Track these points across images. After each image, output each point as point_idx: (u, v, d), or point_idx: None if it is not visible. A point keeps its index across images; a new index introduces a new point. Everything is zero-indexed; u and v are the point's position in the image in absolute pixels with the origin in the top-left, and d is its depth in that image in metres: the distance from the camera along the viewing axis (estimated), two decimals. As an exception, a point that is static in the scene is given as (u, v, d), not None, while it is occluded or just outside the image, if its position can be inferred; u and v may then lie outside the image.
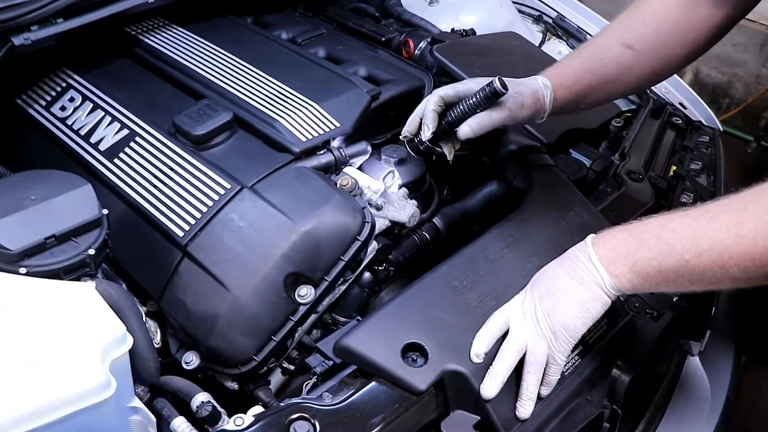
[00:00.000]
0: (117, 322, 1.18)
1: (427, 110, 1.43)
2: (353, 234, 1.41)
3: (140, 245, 1.47)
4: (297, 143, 1.52)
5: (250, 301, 1.33)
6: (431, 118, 1.42)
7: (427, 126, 1.42)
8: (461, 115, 1.39)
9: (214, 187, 1.44)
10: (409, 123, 1.47)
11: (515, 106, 1.41)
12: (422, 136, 1.43)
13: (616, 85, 1.52)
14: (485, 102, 1.35)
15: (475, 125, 1.38)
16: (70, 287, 1.22)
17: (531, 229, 1.44)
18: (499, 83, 1.32)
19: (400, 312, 1.26)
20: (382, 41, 1.98)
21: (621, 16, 1.55)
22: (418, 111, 1.46)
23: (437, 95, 1.43)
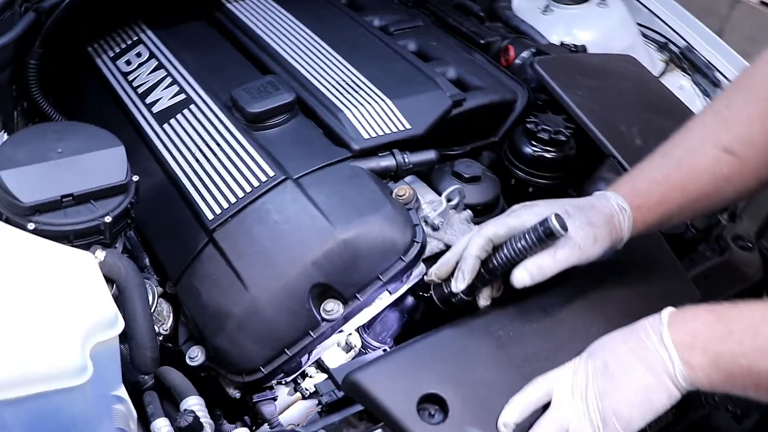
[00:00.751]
0: (109, 303, 1.05)
1: (467, 254, 1.12)
2: (398, 252, 1.24)
3: (170, 220, 1.34)
4: (358, 139, 1.36)
5: (267, 306, 1.19)
6: (471, 266, 1.11)
7: (463, 275, 1.12)
8: (508, 261, 1.11)
9: (256, 172, 1.30)
10: (442, 264, 1.17)
11: (586, 242, 1.10)
12: (453, 285, 1.14)
13: (711, 201, 1.19)
14: (538, 244, 1.08)
15: (536, 271, 1.08)
16: (70, 254, 1.10)
17: (603, 286, 1.23)
18: (557, 222, 1.04)
19: (427, 354, 1.09)
20: (480, 44, 1.80)
21: (716, 104, 1.22)
22: (456, 251, 1.16)
23: (485, 237, 1.12)
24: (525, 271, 1.09)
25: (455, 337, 1.12)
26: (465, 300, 1.18)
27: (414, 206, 1.31)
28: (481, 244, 1.12)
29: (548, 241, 1.07)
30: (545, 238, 1.07)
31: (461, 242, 1.16)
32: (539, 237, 1.07)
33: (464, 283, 1.12)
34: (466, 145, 1.60)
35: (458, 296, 1.17)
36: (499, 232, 1.12)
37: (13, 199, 1.14)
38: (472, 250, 1.11)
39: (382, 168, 1.35)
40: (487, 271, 1.13)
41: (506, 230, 1.11)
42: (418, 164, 1.39)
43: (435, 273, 1.17)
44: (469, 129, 1.59)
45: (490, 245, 1.12)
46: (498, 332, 1.14)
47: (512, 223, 1.12)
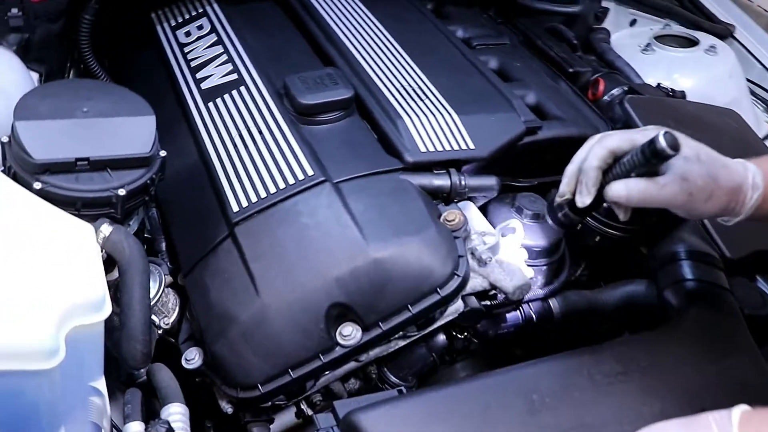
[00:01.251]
0: (99, 283, 0.94)
1: (588, 166, 1.01)
2: (435, 283, 1.09)
3: (194, 206, 1.23)
4: (413, 151, 1.22)
5: (277, 318, 1.05)
6: (593, 178, 1.01)
7: (587, 188, 1.01)
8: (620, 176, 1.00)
9: (295, 168, 1.17)
10: (566, 177, 1.06)
11: (700, 192, 0.98)
12: (578, 200, 1.03)
13: None
14: (643, 162, 0.96)
15: (635, 191, 0.97)
16: (70, 223, 0.99)
17: (666, 362, 1.05)
18: (665, 141, 0.92)
19: (446, 405, 0.93)
20: (568, 72, 1.63)
21: None
22: (577, 161, 1.05)
23: (606, 148, 1.00)
24: (623, 185, 0.98)
25: (481, 391, 0.96)
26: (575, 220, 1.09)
27: (462, 235, 1.15)
28: (602, 155, 1.00)
29: (654, 161, 0.96)
30: (650, 157, 0.95)
31: (579, 154, 1.06)
32: (644, 154, 0.95)
33: (589, 196, 1.01)
34: (533, 178, 1.44)
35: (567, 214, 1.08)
36: (622, 146, 1.00)
37: (24, 153, 1.04)
38: (593, 161, 1.01)
39: (434, 187, 1.21)
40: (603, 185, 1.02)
41: (629, 145, 0.99)
42: (476, 189, 1.24)
43: (564, 189, 1.06)
44: (539, 161, 1.43)
45: (611, 158, 1.01)
46: (532, 395, 0.97)
47: (638, 139, 0.99)
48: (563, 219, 1.09)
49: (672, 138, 0.93)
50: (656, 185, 0.97)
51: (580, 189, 1.03)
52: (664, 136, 0.93)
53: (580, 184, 1.03)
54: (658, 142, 0.93)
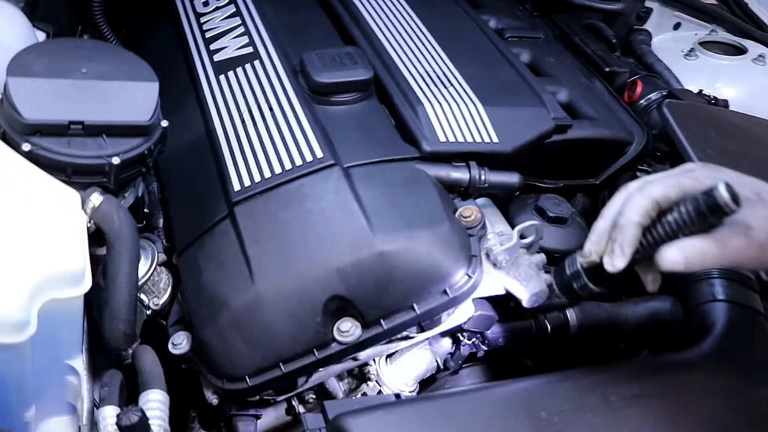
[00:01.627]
0: (79, 256, 0.87)
1: (626, 221, 0.83)
2: (444, 283, 1.00)
3: (195, 182, 1.16)
4: (431, 140, 1.14)
5: (271, 307, 0.98)
6: (632, 236, 0.82)
7: (621, 249, 0.83)
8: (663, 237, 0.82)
9: (303, 149, 1.10)
10: (599, 235, 0.87)
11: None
12: (608, 263, 0.85)
13: None
14: (697, 221, 0.79)
15: (693, 254, 0.79)
16: (55, 189, 0.92)
17: (690, 387, 0.96)
18: (727, 193, 0.76)
19: (444, 416, 0.85)
20: (604, 71, 1.54)
21: None
22: (609, 214, 0.86)
23: (650, 199, 0.82)
24: (678, 250, 0.79)
25: (485, 403, 0.88)
26: (594, 292, 0.92)
27: (478, 234, 1.07)
28: (644, 207, 0.82)
29: (713, 220, 0.79)
30: (708, 213, 0.78)
31: (612, 205, 0.87)
32: (698, 210, 0.79)
33: (623, 260, 0.83)
34: (558, 180, 1.35)
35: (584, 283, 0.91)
36: (669, 195, 0.82)
37: (15, 112, 0.97)
38: (633, 215, 0.82)
39: (452, 179, 1.12)
40: (649, 243, 0.83)
41: (678, 194, 0.82)
42: (496, 186, 1.15)
43: (593, 249, 0.88)
44: (566, 162, 1.34)
45: (655, 210, 0.83)
46: (540, 412, 0.89)
47: (687, 186, 0.82)
48: (579, 289, 0.93)
49: (732, 190, 0.77)
50: (717, 243, 0.79)
51: (611, 249, 0.84)
52: (726, 188, 0.76)
53: (613, 242, 0.84)
54: (719, 195, 0.76)
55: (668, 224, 0.82)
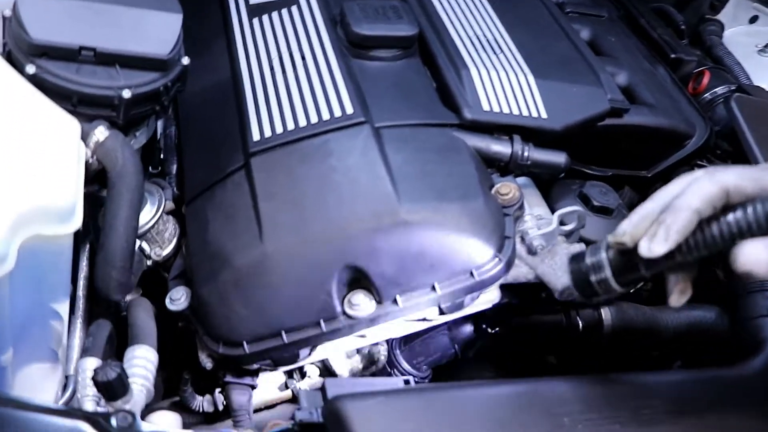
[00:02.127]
0: (70, 191, 0.79)
1: (684, 204, 0.70)
2: (471, 263, 0.91)
3: (215, 128, 1.08)
4: (474, 107, 1.04)
5: (278, 270, 0.89)
6: (685, 221, 0.70)
7: (666, 232, 0.70)
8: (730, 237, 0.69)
9: (333, 103, 1.00)
10: (639, 215, 0.75)
11: None
12: (645, 247, 0.72)
13: None
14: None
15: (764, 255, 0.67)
16: (54, 117, 0.84)
17: (734, 409, 0.86)
18: None
19: (456, 409, 0.76)
20: (669, 57, 1.42)
21: None
22: (663, 196, 0.74)
23: (720, 186, 0.70)
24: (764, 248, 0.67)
25: (501, 401, 0.79)
26: (614, 290, 0.80)
27: (514, 214, 0.97)
28: (712, 194, 0.69)
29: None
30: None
31: (670, 188, 0.74)
32: None
33: (666, 245, 0.70)
34: (607, 168, 1.24)
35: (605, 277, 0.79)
36: (744, 188, 0.69)
37: (22, 30, 0.89)
38: (693, 199, 0.69)
39: (492, 153, 1.02)
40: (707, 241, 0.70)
41: (755, 189, 0.69)
42: (540, 164, 1.05)
43: (629, 229, 0.74)
44: (618, 150, 1.23)
45: (723, 201, 0.70)
46: (563, 417, 0.79)
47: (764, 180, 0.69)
48: (597, 283, 0.80)
49: None
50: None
51: (654, 232, 0.71)
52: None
53: (659, 225, 0.71)
54: None
55: (727, 225, 0.69)
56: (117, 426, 0.68)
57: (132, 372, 0.84)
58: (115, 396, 0.76)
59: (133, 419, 0.69)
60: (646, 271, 0.76)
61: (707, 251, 0.71)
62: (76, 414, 0.70)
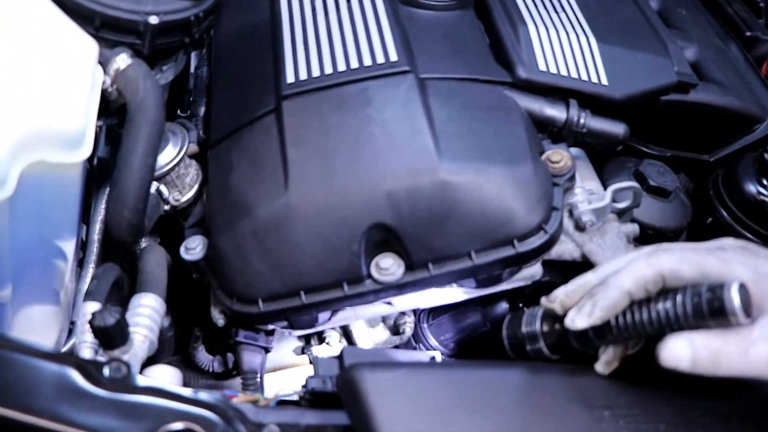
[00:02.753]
0: (80, 116, 0.72)
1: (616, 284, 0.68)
2: (512, 233, 0.82)
3: (248, 69, 1.00)
4: (529, 66, 0.95)
5: (302, 223, 0.81)
6: (613, 301, 0.68)
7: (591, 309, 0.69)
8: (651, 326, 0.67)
9: (376, 50, 0.92)
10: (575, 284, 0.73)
11: None
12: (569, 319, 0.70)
13: None
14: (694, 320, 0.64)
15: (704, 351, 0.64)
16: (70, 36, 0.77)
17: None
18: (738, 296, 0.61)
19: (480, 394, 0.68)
20: (744, 36, 1.31)
21: None
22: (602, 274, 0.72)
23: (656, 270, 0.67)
24: (686, 343, 0.64)
25: (534, 386, 0.71)
26: (545, 356, 0.77)
27: (564, 185, 0.88)
28: (645, 277, 0.67)
29: (711, 323, 0.64)
30: (708, 316, 0.63)
31: (614, 263, 0.72)
32: (697, 309, 0.64)
33: (588, 320, 0.68)
34: (666, 148, 1.14)
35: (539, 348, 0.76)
36: (682, 273, 0.66)
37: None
38: (626, 283, 0.68)
39: (545, 116, 0.93)
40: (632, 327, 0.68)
41: (694, 275, 0.66)
42: (596, 133, 0.95)
43: (562, 298, 0.73)
44: (681, 129, 1.13)
45: (657, 286, 0.68)
46: (603, 410, 0.71)
47: (711, 269, 0.66)
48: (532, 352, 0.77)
49: (746, 294, 0.61)
50: (739, 346, 0.63)
51: (582, 305, 0.70)
52: (740, 292, 0.61)
53: (589, 298, 0.70)
54: (727, 299, 0.61)
55: (656, 313, 0.66)
56: (109, 376, 0.62)
57: (135, 321, 0.77)
58: (112, 344, 0.70)
59: (128, 370, 0.63)
60: (577, 344, 0.73)
61: (636, 334, 0.69)
62: (67, 359, 0.63)
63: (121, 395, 0.61)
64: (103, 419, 0.60)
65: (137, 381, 0.63)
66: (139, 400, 0.62)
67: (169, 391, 0.63)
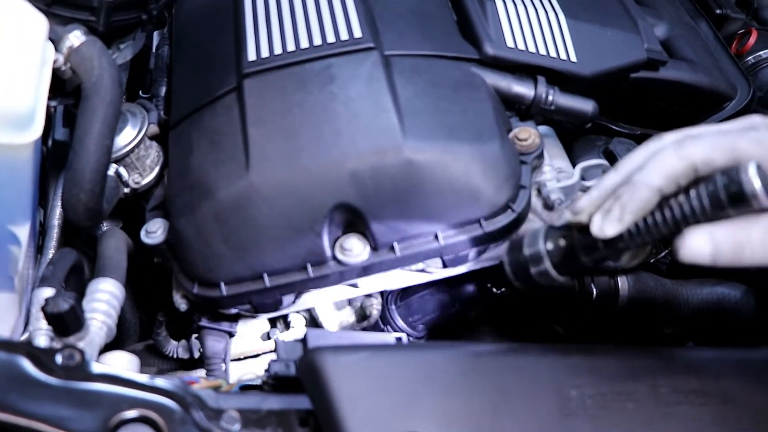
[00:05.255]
0: (28, 94, 0.69)
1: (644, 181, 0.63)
2: (479, 212, 0.81)
3: (209, 48, 0.97)
4: (497, 42, 0.93)
5: (264, 205, 0.79)
6: (642, 200, 0.62)
7: (621, 211, 0.63)
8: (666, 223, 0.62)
9: (340, 25, 0.90)
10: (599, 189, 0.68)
11: None
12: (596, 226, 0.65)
13: None
14: (712, 210, 0.60)
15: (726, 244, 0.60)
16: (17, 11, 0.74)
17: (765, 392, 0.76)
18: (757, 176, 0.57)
19: (445, 375, 0.66)
20: (714, 13, 1.31)
21: None
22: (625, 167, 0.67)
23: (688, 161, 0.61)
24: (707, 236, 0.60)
25: (500, 367, 0.69)
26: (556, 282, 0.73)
27: (532, 163, 0.87)
28: (676, 170, 0.61)
29: (732, 211, 0.59)
30: (727, 204, 0.59)
31: (636, 156, 0.66)
32: (714, 197, 0.59)
33: (618, 226, 0.63)
34: (636, 126, 1.13)
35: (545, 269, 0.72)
36: (715, 160, 0.61)
37: None
38: (656, 179, 0.62)
39: (513, 93, 0.92)
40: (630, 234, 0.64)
41: (728, 160, 0.60)
42: (565, 111, 0.94)
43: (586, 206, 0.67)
44: (650, 107, 1.12)
45: (689, 178, 0.62)
46: (570, 390, 0.70)
47: (744, 151, 0.60)
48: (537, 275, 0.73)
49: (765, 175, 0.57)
50: (763, 235, 0.58)
51: (608, 209, 0.64)
52: (758, 172, 0.57)
53: (615, 200, 0.64)
54: (746, 181, 0.57)
55: (670, 211, 0.62)
56: (61, 364, 0.60)
57: (92, 307, 0.75)
58: (66, 331, 0.67)
59: (81, 357, 0.61)
60: (585, 258, 0.70)
61: (651, 239, 0.64)
62: (18, 348, 0.61)
63: (74, 383, 0.59)
64: (54, 408, 0.58)
65: (92, 368, 0.61)
66: (93, 387, 0.60)
67: (125, 377, 0.61)
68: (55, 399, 0.57)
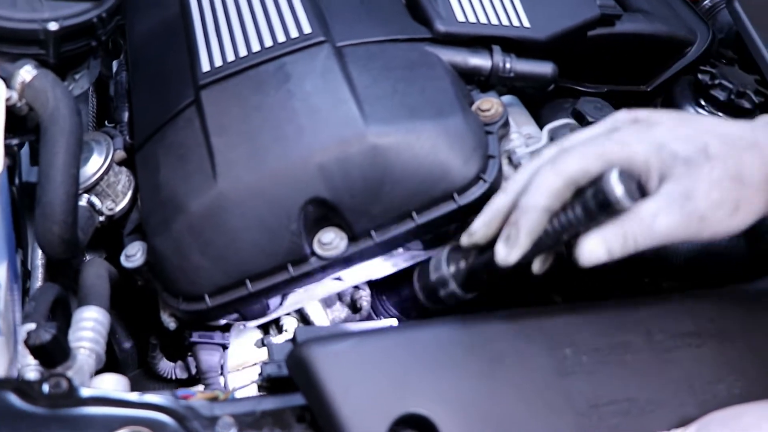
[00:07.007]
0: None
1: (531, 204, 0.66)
2: (451, 187, 0.81)
3: (164, 66, 0.97)
4: (448, 19, 0.93)
5: (236, 211, 0.79)
6: (534, 222, 0.66)
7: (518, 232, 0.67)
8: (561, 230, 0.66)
9: (288, 23, 0.90)
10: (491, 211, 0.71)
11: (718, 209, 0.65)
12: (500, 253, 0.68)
13: None
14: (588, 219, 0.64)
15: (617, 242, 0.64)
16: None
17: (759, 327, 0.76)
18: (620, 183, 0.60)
19: (440, 349, 0.66)
20: (666, -40, 1.31)
21: None
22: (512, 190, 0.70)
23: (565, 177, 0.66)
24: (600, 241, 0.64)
25: (495, 335, 0.69)
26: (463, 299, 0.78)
27: (498, 132, 0.87)
28: (557, 187, 0.66)
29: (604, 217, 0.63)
30: (597, 213, 0.63)
31: (519, 177, 0.71)
32: (587, 209, 0.63)
33: (520, 250, 0.67)
34: (602, 84, 1.13)
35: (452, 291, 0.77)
36: (589, 170, 0.65)
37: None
38: (541, 200, 0.66)
39: (470, 67, 0.92)
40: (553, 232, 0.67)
41: (601, 166, 0.65)
42: (524, 76, 0.94)
43: (482, 228, 0.72)
44: (612, 63, 1.12)
45: (571, 190, 0.66)
46: (564, 349, 0.70)
47: (613, 155, 0.65)
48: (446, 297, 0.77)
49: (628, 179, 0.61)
50: (642, 223, 0.63)
51: (507, 234, 0.68)
52: (620, 178, 0.60)
53: (510, 226, 0.68)
54: (609, 189, 0.60)
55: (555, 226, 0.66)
56: (48, 392, 0.59)
57: (78, 336, 0.75)
58: (52, 361, 0.67)
59: (69, 384, 0.60)
60: (485, 275, 0.74)
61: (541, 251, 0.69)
62: (5, 384, 0.61)
63: (63, 410, 0.59)
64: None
65: (80, 393, 0.60)
66: (83, 411, 0.59)
67: (114, 398, 0.60)
68: (44, 427, 0.57)
